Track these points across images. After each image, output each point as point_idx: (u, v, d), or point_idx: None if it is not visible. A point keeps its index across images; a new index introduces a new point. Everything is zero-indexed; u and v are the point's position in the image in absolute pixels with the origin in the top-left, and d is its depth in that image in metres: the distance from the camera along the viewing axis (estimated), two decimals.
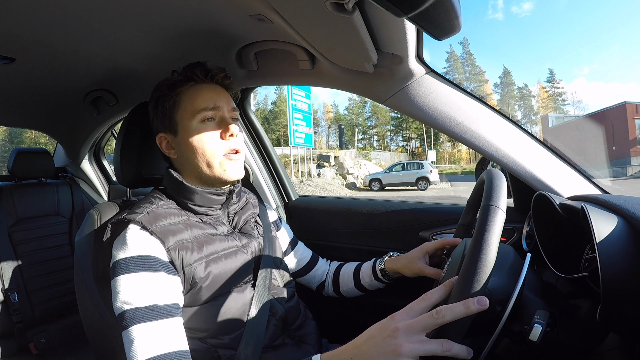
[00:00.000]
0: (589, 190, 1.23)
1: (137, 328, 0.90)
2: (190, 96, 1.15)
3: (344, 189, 24.00)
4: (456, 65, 75.16)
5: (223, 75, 1.21)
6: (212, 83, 1.19)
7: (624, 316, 0.78)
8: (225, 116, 1.15)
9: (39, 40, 1.23)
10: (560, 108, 71.23)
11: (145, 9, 1.07)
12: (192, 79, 1.16)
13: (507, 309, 0.78)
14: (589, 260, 0.94)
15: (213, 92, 1.16)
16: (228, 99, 1.19)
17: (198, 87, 1.16)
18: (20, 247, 2.28)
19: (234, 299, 1.11)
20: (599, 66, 71.57)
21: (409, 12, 0.65)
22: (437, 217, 1.66)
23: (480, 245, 0.73)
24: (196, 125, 1.12)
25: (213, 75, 1.18)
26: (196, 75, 1.16)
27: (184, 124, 1.14)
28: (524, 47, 72.40)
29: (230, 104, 1.19)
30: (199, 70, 1.16)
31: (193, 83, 1.16)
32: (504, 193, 0.82)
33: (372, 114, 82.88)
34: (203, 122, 1.13)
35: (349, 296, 1.52)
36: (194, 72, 1.16)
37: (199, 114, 1.12)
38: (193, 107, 1.13)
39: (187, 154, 1.14)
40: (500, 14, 73.61)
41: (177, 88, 1.16)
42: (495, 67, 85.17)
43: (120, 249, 1.00)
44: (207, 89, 1.16)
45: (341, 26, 0.93)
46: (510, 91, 76.14)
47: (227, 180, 1.16)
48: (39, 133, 28.05)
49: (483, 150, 1.24)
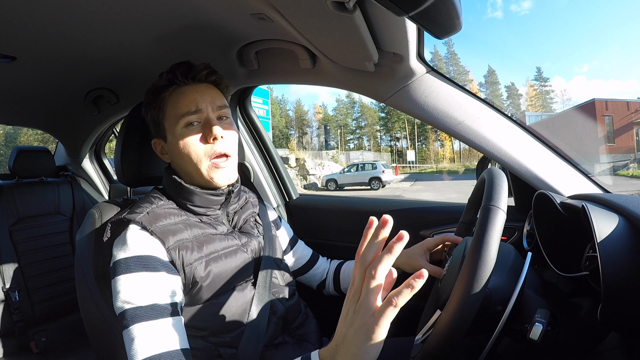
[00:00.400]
0: (589, 189, 1.23)
1: (137, 327, 0.90)
2: (172, 101, 1.13)
3: (302, 190, 24.55)
4: (440, 64, 74.88)
5: (206, 72, 1.17)
6: (195, 83, 1.16)
7: (624, 315, 0.78)
8: (210, 117, 1.12)
9: (39, 39, 1.23)
10: (548, 106, 70.91)
11: (146, 7, 1.08)
12: (174, 83, 1.14)
13: (508, 309, 0.78)
14: (590, 259, 0.94)
15: (195, 94, 1.13)
16: (213, 98, 1.16)
17: (180, 90, 1.14)
18: (21, 245, 2.28)
19: (234, 297, 1.11)
20: (599, 64, 71.44)
21: (410, 11, 0.65)
22: (438, 216, 1.66)
23: (480, 246, 0.73)
24: (180, 131, 1.11)
25: (194, 75, 1.15)
26: (177, 79, 1.14)
27: (170, 130, 1.13)
28: (522, 45, 72.28)
29: (215, 103, 1.15)
30: (180, 73, 1.14)
31: (175, 87, 1.14)
32: (505, 193, 0.82)
33: (360, 114, 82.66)
34: (187, 127, 1.11)
35: None
36: (175, 75, 1.14)
37: (181, 118, 1.10)
38: (176, 112, 1.11)
39: (178, 159, 1.14)
40: (500, 12, 73.48)
41: (161, 94, 1.15)
42: (482, 67, 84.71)
43: (121, 249, 1.01)
44: (189, 91, 1.14)
45: (342, 25, 0.93)
46: (494, 90, 75.90)
47: (217, 186, 1.15)
48: (32, 138, 27.69)
49: (484, 149, 1.24)
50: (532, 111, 65.32)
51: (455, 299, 0.75)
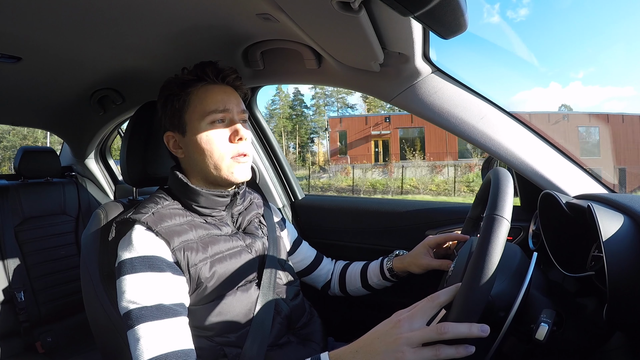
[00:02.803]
0: (595, 189, 1.23)
1: (143, 327, 0.91)
2: (200, 97, 1.14)
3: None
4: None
5: (234, 76, 1.20)
6: (223, 84, 1.18)
7: (630, 315, 0.78)
8: (235, 119, 1.15)
9: (45, 40, 1.24)
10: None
11: (151, 8, 1.08)
12: (203, 79, 1.15)
13: (510, 315, 0.78)
14: (596, 259, 0.94)
15: (224, 94, 1.16)
16: (238, 101, 1.19)
17: (209, 87, 1.15)
18: (27, 246, 2.28)
19: (239, 298, 1.11)
20: (595, 70, 70.85)
21: (416, 11, 0.65)
22: (444, 216, 1.66)
23: (483, 258, 0.73)
24: (205, 127, 1.12)
25: (224, 77, 1.18)
26: (207, 76, 1.15)
27: (193, 124, 1.13)
28: (518, 51, 71.59)
29: (240, 106, 1.18)
30: (210, 71, 1.15)
31: (204, 83, 1.16)
32: (510, 200, 0.81)
33: (271, 117, 79.09)
34: (212, 124, 1.12)
35: (355, 295, 1.52)
36: (205, 72, 1.15)
37: (208, 115, 1.12)
38: (203, 109, 1.12)
39: (195, 155, 1.14)
40: (497, 17, 72.82)
41: (188, 87, 1.15)
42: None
43: (126, 249, 1.01)
44: (217, 90, 1.16)
45: (347, 25, 0.93)
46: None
47: (234, 182, 1.16)
48: (18, 144, 27.71)
49: (489, 149, 1.24)
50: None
51: (457, 307, 0.75)
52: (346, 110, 54.04)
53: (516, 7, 73.19)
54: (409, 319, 0.78)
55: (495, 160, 1.39)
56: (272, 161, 2.13)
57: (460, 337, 0.72)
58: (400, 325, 0.77)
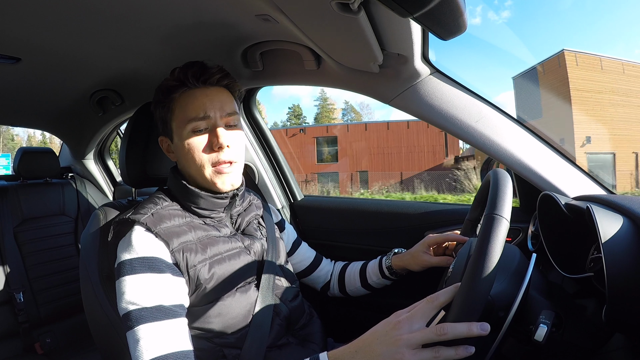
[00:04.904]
0: (594, 190, 1.23)
1: (142, 328, 0.91)
2: (181, 104, 1.13)
3: None
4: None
5: (219, 76, 1.15)
6: (206, 87, 1.14)
7: (629, 316, 0.78)
8: (218, 124, 1.11)
9: (44, 41, 1.24)
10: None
11: (151, 9, 1.08)
12: (184, 84, 1.13)
13: (510, 315, 0.78)
14: (595, 261, 0.94)
15: (205, 99, 1.12)
16: (223, 104, 1.14)
17: (190, 93, 1.13)
18: (26, 247, 2.27)
19: (238, 299, 1.11)
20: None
21: (415, 12, 0.65)
22: (443, 216, 1.66)
23: (483, 257, 0.73)
24: (187, 135, 1.11)
25: (206, 79, 1.13)
26: (188, 81, 1.12)
27: (177, 131, 1.13)
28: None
29: (224, 109, 1.14)
30: (191, 74, 1.12)
31: (185, 89, 1.13)
32: (509, 199, 0.81)
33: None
34: (193, 132, 1.10)
35: (355, 295, 1.52)
36: (186, 76, 1.12)
37: (189, 123, 1.10)
38: (184, 116, 1.11)
39: (182, 161, 1.15)
40: (478, 19, 72.11)
41: (171, 94, 1.13)
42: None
43: (126, 250, 1.01)
44: (199, 95, 1.12)
45: (347, 26, 0.93)
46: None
47: (219, 191, 1.15)
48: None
49: (488, 150, 1.24)
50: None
51: (456, 306, 0.75)
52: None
53: (498, 8, 72.91)
54: (409, 320, 0.78)
55: (494, 161, 1.39)
56: (271, 162, 2.12)
57: (460, 337, 0.72)
58: (399, 327, 0.77)
